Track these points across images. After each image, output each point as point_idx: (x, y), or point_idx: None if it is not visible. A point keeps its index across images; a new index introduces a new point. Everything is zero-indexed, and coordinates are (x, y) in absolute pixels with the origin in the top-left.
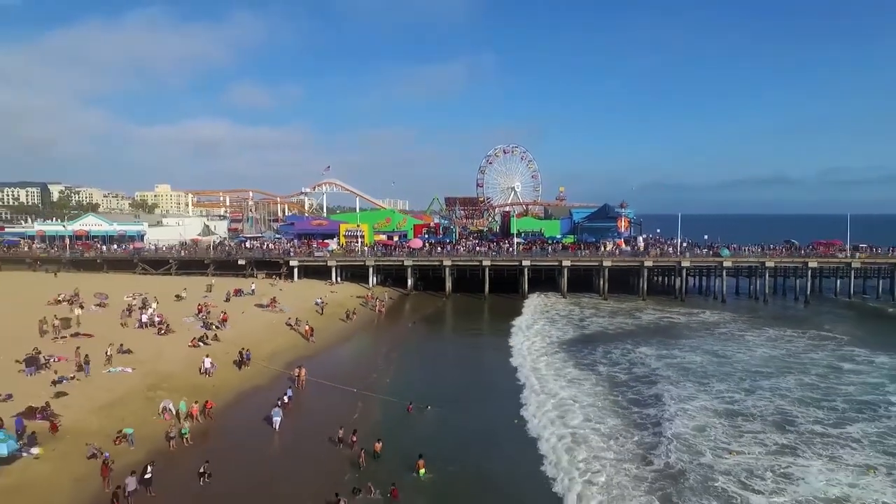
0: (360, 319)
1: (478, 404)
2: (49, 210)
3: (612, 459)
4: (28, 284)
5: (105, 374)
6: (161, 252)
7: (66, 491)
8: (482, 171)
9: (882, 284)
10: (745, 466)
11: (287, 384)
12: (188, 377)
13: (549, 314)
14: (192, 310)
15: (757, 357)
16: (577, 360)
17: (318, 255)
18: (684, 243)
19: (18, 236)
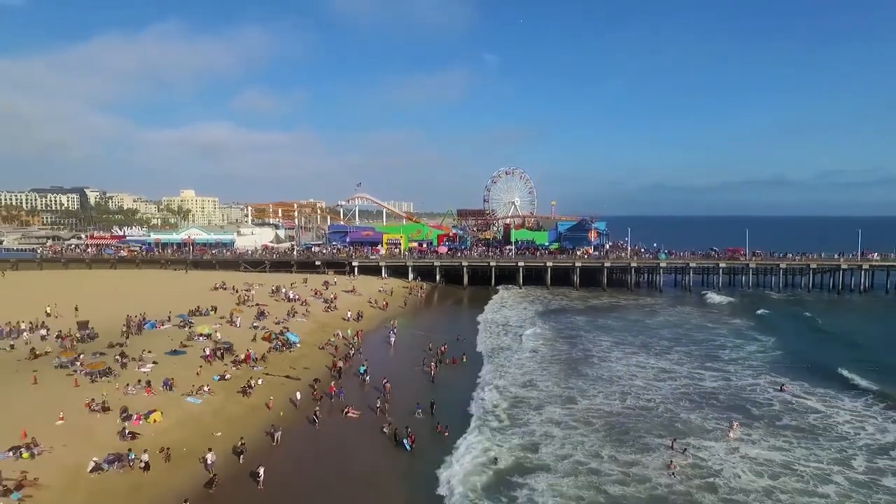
0: (410, 301)
1: (488, 336)
2: (89, 214)
3: (543, 355)
4: (175, 277)
5: (295, 320)
6: (258, 255)
7: (319, 357)
8: (488, 189)
9: (773, 280)
10: (612, 361)
11: (387, 329)
12: (338, 323)
13: (532, 299)
14: (310, 292)
15: (657, 321)
16: (539, 320)
17: (371, 258)
18: (642, 248)
19: (139, 243)
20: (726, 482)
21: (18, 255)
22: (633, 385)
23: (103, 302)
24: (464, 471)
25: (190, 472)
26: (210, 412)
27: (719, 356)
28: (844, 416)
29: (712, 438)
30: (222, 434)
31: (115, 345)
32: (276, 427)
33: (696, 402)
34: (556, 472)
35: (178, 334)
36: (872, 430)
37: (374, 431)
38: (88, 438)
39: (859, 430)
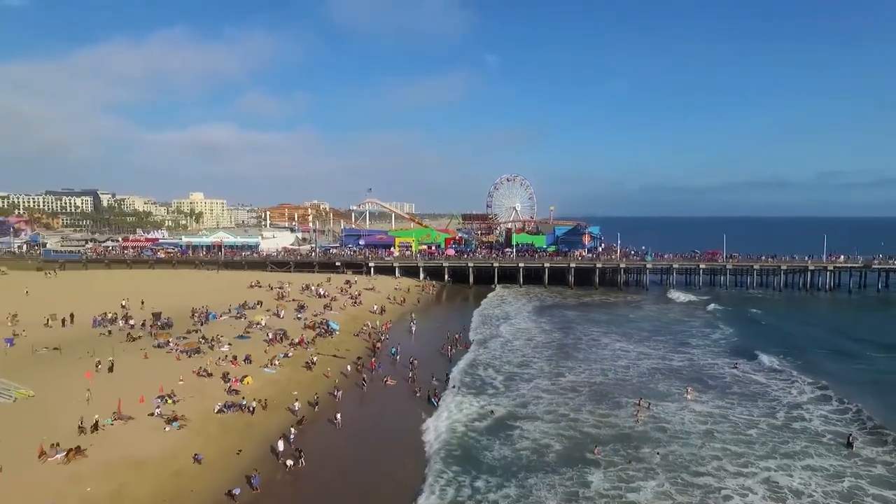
0: (423, 298)
1: (490, 326)
2: (104, 216)
3: (538, 342)
4: (209, 276)
5: (331, 313)
6: (281, 257)
7: (355, 342)
8: (490, 195)
9: (749, 280)
10: (600, 348)
11: (407, 321)
12: (366, 315)
13: (531, 296)
14: (336, 290)
15: (640, 315)
16: (536, 314)
17: (386, 259)
18: (632, 250)
19: (173, 245)
20: (676, 426)
21: (64, 257)
22: (615, 365)
23: (158, 297)
24: (467, 418)
25: (282, 416)
26: (284, 379)
27: (689, 342)
28: (778, 385)
29: (672, 400)
30: (298, 393)
31: (191, 331)
32: (337, 388)
33: (665, 375)
34: (543, 420)
35: (237, 323)
36: (796, 393)
37: (408, 394)
38: (204, 393)
39: (786, 394)
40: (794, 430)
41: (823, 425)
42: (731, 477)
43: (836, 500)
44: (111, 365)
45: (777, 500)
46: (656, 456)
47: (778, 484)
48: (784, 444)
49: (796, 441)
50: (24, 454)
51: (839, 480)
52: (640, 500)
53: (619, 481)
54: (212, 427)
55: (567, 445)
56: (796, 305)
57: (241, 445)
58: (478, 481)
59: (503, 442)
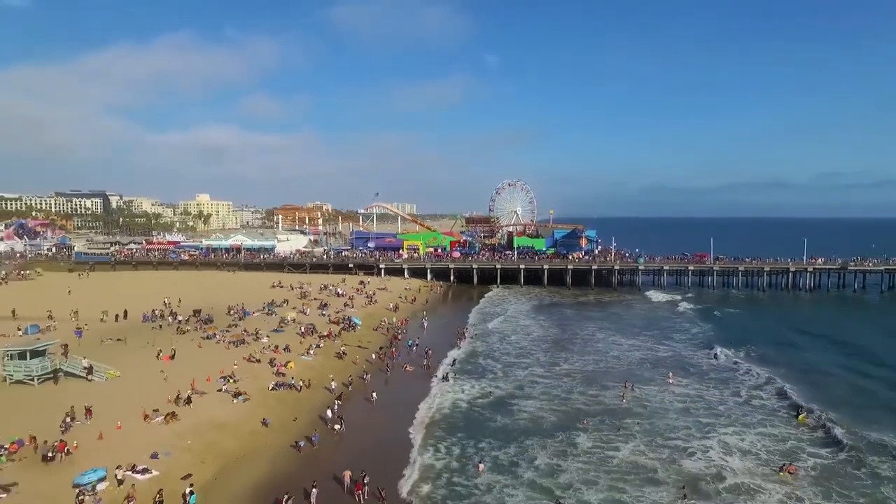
0: (432, 297)
1: (492, 322)
2: (114, 218)
3: (536, 336)
4: (231, 277)
5: (351, 310)
6: (296, 258)
7: (375, 336)
8: (493, 199)
9: (734, 280)
10: (594, 342)
11: (419, 318)
12: (382, 312)
13: (531, 296)
14: (352, 290)
15: (632, 313)
16: (531, 311)
17: (396, 262)
18: (626, 253)
19: (194, 248)
20: (656, 404)
21: (94, 259)
22: (607, 355)
23: (190, 296)
24: (469, 397)
25: (323, 394)
26: (319, 365)
27: (672, 336)
28: (743, 370)
29: (655, 384)
30: (333, 376)
31: (231, 325)
32: (366, 373)
33: (651, 363)
34: (538, 399)
35: (269, 319)
36: (755, 379)
37: (426, 377)
38: (256, 375)
39: (750, 378)
40: (753, 406)
41: (777, 402)
42: (696, 440)
43: (776, 456)
44: (173, 353)
45: (727, 454)
46: (636, 425)
47: (730, 444)
48: (744, 417)
49: (754, 414)
50: (131, 417)
51: (783, 442)
52: (618, 455)
53: (602, 443)
54: (270, 400)
55: (559, 418)
56: (772, 305)
57: (295, 414)
58: (481, 443)
59: (503, 415)
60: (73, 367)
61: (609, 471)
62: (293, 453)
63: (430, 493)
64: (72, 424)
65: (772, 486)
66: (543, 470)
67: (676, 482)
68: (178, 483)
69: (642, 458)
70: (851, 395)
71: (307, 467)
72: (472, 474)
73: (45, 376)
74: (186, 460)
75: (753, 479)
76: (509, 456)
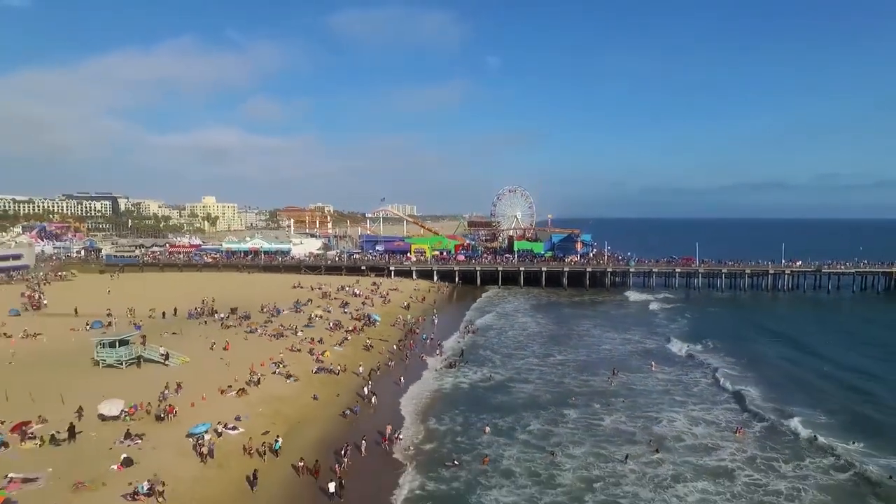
0: (439, 297)
1: (495, 319)
2: (123, 220)
3: (532, 331)
4: (252, 278)
5: (370, 307)
6: (310, 261)
7: (393, 331)
8: (494, 204)
9: (718, 282)
10: (588, 336)
11: (430, 315)
12: (397, 310)
13: (530, 296)
14: (368, 290)
15: (622, 312)
16: (529, 309)
17: (405, 264)
18: (619, 256)
19: (214, 251)
20: (640, 387)
21: (124, 261)
22: (601, 348)
23: (219, 296)
24: (465, 383)
25: (356, 377)
26: (350, 354)
27: (657, 331)
28: (717, 358)
29: (640, 371)
30: (362, 363)
31: (267, 322)
32: (391, 360)
33: (639, 354)
34: (533, 383)
35: (298, 316)
36: (718, 363)
37: (439, 364)
38: (300, 362)
39: (713, 364)
40: (722, 387)
41: (736, 385)
42: (668, 413)
43: (734, 424)
44: (226, 344)
45: (693, 424)
46: (620, 402)
47: (696, 416)
48: (713, 396)
49: (721, 394)
50: (210, 392)
51: (739, 414)
52: (602, 424)
53: (589, 415)
54: (315, 381)
55: (552, 396)
56: (745, 304)
57: (337, 392)
58: (483, 414)
59: (502, 394)
60: (151, 353)
61: (593, 434)
62: (341, 419)
63: (437, 447)
64: (167, 396)
65: (726, 444)
66: (537, 433)
67: (649, 441)
68: (259, 437)
69: (622, 426)
70: (782, 378)
71: (353, 429)
72: (475, 435)
73: (131, 361)
74: (261, 422)
75: (712, 440)
76: (507, 423)
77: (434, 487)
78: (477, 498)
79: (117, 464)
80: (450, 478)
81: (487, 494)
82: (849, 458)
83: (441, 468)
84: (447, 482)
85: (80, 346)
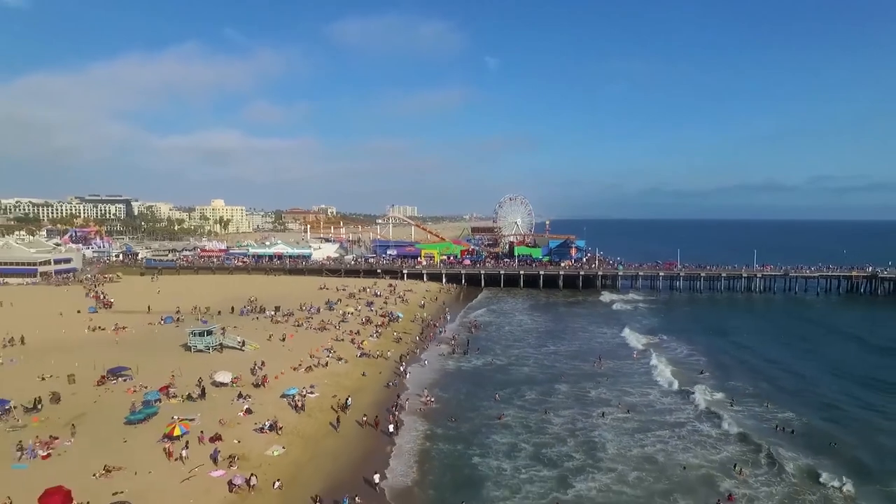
0: (449, 297)
1: (497, 317)
2: (137, 223)
3: (529, 327)
4: (278, 280)
5: (394, 305)
6: (333, 265)
7: (413, 326)
8: (496, 212)
9: (698, 284)
10: (580, 331)
11: (443, 313)
12: (414, 308)
13: (529, 296)
14: (386, 291)
15: (611, 310)
16: (528, 308)
17: (417, 268)
18: (610, 260)
19: (242, 255)
20: (624, 370)
21: (163, 264)
22: (594, 341)
23: (258, 295)
24: (473, 366)
25: (390, 361)
26: (385, 343)
27: (640, 326)
28: (686, 347)
29: (625, 359)
30: (392, 351)
31: (308, 318)
32: (416, 348)
33: (624, 346)
34: (529, 367)
35: (332, 314)
36: (679, 347)
37: (452, 352)
38: (344, 349)
39: (683, 349)
40: (689, 367)
41: (698, 367)
42: (640, 388)
43: (681, 396)
44: (283, 336)
45: (665, 395)
46: (604, 380)
47: (666, 389)
48: (681, 375)
49: (695, 376)
50: (284, 369)
51: (692, 385)
52: (588, 395)
53: (577, 390)
54: (360, 363)
55: (546, 376)
56: (718, 305)
57: (379, 370)
58: (486, 387)
59: (502, 374)
60: (230, 341)
61: (580, 402)
62: (385, 389)
63: (454, 406)
64: (257, 371)
65: (678, 407)
66: (532, 400)
67: (619, 404)
68: (331, 399)
69: (604, 396)
70: (713, 362)
71: (395, 395)
72: (483, 398)
73: (215, 347)
74: (329, 389)
75: (668, 406)
76: (506, 393)
77: (455, 430)
78: (482, 439)
79: (242, 412)
80: (464, 426)
81: (490, 437)
82: (729, 409)
83: (453, 420)
84: (463, 428)
85: (164, 336)
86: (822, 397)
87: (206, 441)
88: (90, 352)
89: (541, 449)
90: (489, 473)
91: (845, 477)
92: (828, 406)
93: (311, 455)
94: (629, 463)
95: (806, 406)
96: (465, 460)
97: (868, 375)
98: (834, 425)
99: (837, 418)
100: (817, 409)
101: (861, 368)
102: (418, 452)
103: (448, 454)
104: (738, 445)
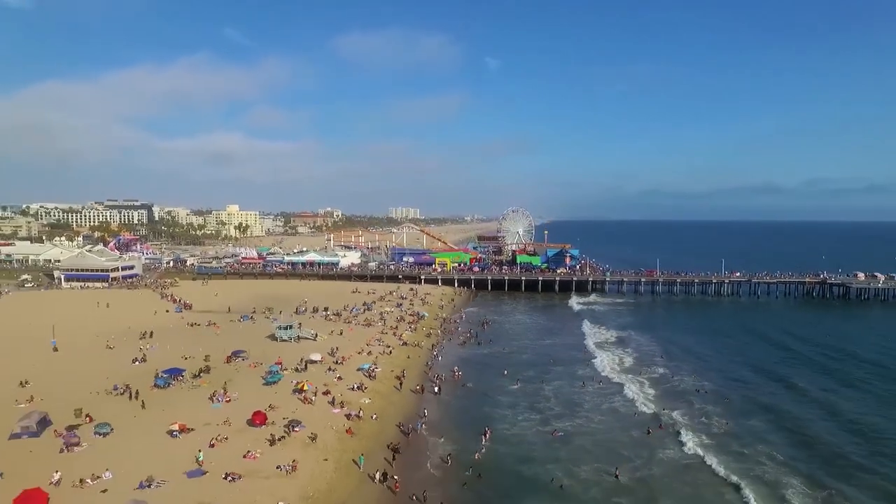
0: (461, 300)
1: (500, 309)
2: (159, 228)
3: (528, 325)
4: (312, 284)
5: (421, 305)
6: (359, 271)
7: (436, 324)
8: (500, 222)
9: (675, 289)
10: (575, 327)
11: (459, 313)
12: (435, 310)
13: (529, 298)
14: (410, 294)
15: (601, 310)
16: (528, 308)
17: (432, 274)
18: (599, 267)
19: (279, 262)
20: (616, 362)
21: (212, 271)
22: (588, 337)
23: (302, 298)
24: (485, 353)
25: (425, 349)
26: (419, 338)
27: (625, 325)
28: (659, 338)
29: (610, 351)
30: (424, 341)
31: (354, 317)
32: (442, 340)
33: (611, 340)
34: (529, 354)
35: (369, 313)
36: (656, 342)
37: (467, 343)
38: (389, 340)
39: (656, 341)
40: (653, 351)
41: (663, 354)
42: (629, 374)
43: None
44: (341, 331)
45: (642, 387)
46: (585, 365)
47: (629, 366)
48: (650, 358)
49: (653, 359)
50: (351, 353)
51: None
52: (578, 373)
53: (568, 370)
54: (403, 350)
55: (544, 360)
56: (688, 307)
57: (418, 354)
58: (492, 368)
59: (506, 359)
60: (305, 333)
61: (570, 378)
62: (426, 367)
63: (473, 379)
64: (336, 353)
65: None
66: (532, 377)
67: (599, 380)
68: (389, 373)
69: (587, 374)
70: (664, 353)
71: (433, 372)
72: (494, 374)
73: (294, 338)
74: (388, 365)
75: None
76: (511, 370)
77: (475, 393)
78: (493, 397)
79: (336, 378)
80: (480, 390)
81: (498, 398)
82: (665, 382)
83: (473, 386)
84: (480, 391)
85: (248, 330)
86: (727, 374)
87: (320, 394)
88: (201, 341)
89: (534, 404)
90: (496, 416)
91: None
92: (732, 381)
93: (387, 403)
94: (596, 413)
95: (713, 380)
96: (481, 409)
97: (760, 360)
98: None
99: (734, 387)
100: (723, 384)
101: (758, 356)
102: (451, 404)
103: (471, 406)
104: (665, 401)
